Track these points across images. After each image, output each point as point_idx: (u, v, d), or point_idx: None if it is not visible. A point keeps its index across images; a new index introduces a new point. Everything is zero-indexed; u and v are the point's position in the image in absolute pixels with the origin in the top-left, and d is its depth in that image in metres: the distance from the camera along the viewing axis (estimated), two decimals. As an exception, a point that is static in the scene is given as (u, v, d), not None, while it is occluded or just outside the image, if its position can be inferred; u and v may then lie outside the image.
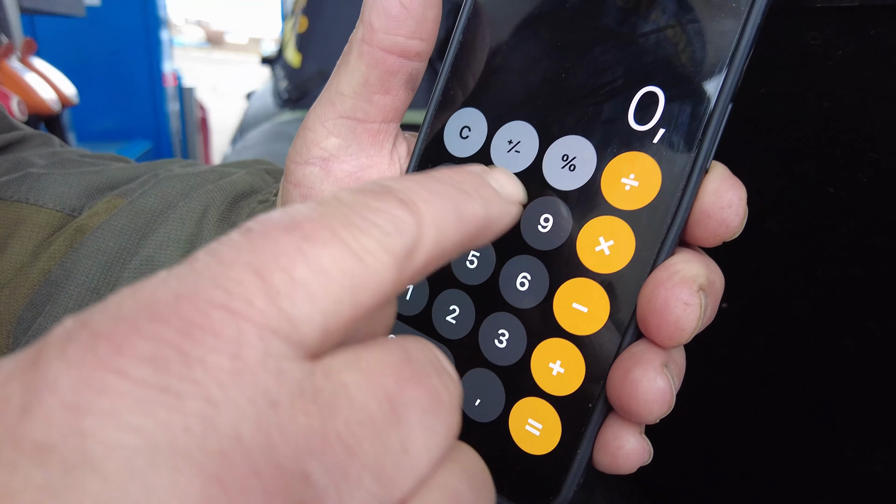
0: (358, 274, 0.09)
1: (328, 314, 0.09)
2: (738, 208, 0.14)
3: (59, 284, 0.19)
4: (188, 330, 0.08)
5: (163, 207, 0.20)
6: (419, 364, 0.10)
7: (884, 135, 0.19)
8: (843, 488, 0.27)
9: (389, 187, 0.11)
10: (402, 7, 0.16)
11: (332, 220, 0.10)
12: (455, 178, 0.12)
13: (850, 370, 0.25)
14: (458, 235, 0.11)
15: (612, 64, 0.15)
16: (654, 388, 0.13)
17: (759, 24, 0.14)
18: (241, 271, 0.09)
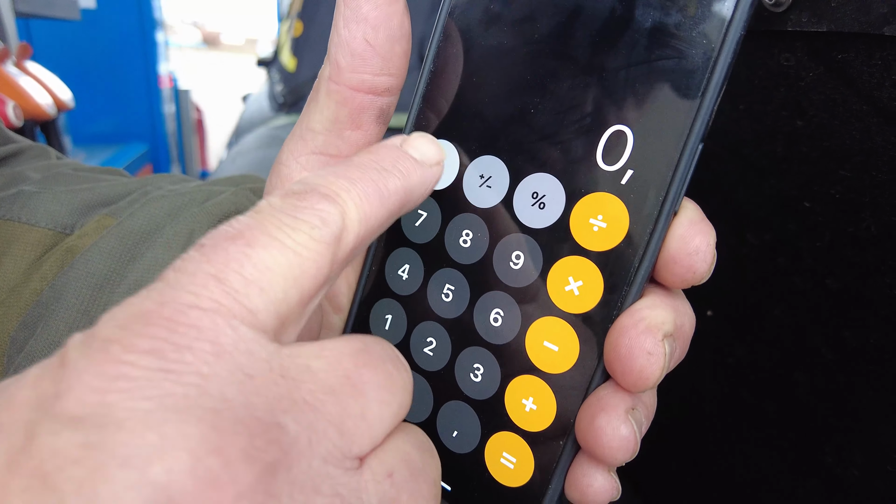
0: (296, 264, 0.11)
1: (279, 301, 0.11)
2: (706, 255, 0.14)
3: (50, 306, 0.19)
4: (175, 328, 0.10)
5: (150, 228, 0.21)
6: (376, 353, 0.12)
7: (852, 154, 0.20)
8: (822, 492, 0.28)
9: (313, 184, 0.13)
10: (368, 45, 0.15)
11: (268, 224, 0.12)
12: (373, 159, 0.14)
13: (828, 378, 0.26)
14: (382, 210, 0.13)
15: (581, 101, 0.15)
16: (618, 436, 0.14)
17: (731, 63, 0.13)
18: (204, 279, 0.11)
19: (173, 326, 0.10)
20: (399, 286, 0.18)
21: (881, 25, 0.16)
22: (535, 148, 0.16)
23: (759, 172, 0.25)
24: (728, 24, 0.13)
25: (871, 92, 0.18)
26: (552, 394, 0.15)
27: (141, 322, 0.10)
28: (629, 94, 0.14)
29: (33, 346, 0.19)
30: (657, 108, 0.14)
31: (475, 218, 0.17)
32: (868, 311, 0.23)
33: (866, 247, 0.21)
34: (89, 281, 0.20)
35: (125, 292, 0.20)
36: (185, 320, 0.10)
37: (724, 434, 0.34)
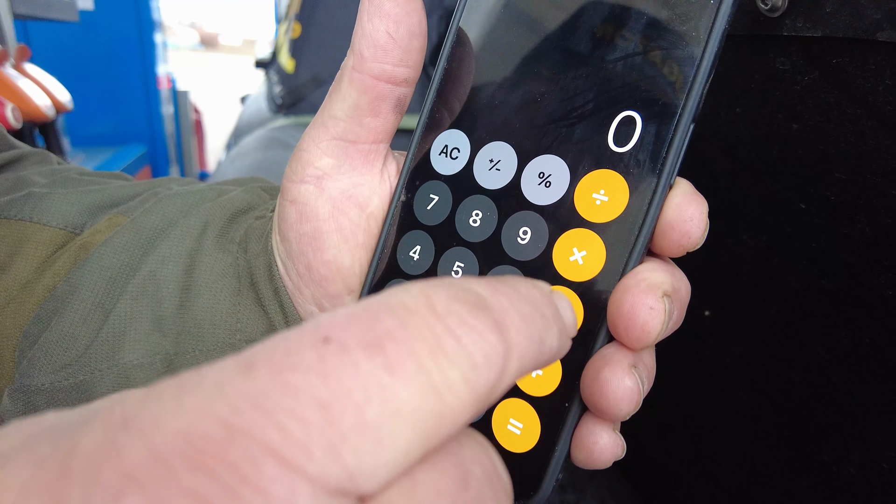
0: (435, 414, 0.08)
1: (394, 465, 0.08)
2: (699, 221, 0.15)
3: (65, 300, 0.20)
4: (234, 486, 0.07)
5: (164, 225, 0.21)
6: (476, 486, 0.09)
7: (846, 157, 0.20)
8: (819, 490, 0.28)
9: (486, 303, 0.10)
10: (390, 37, 0.17)
11: (420, 342, 0.09)
12: (538, 299, 0.11)
13: (823, 377, 0.27)
14: (534, 366, 0.10)
15: (582, 89, 0.16)
16: (622, 387, 0.14)
17: (717, 52, 0.15)
18: (308, 405, 0.08)
19: (233, 484, 0.07)
20: (410, 266, 0.19)
21: (874, 31, 0.16)
22: (541, 132, 0.17)
23: (755, 174, 0.25)
24: (714, 18, 0.14)
25: (865, 96, 0.18)
26: None
27: (188, 457, 0.07)
28: (627, 81, 0.16)
29: (47, 338, 0.19)
30: (653, 92, 0.15)
31: (485, 199, 0.18)
32: (862, 311, 0.23)
33: (861, 248, 0.21)
34: (104, 274, 0.20)
35: (139, 283, 0.20)
36: (255, 478, 0.07)
37: (722, 433, 0.34)
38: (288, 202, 0.19)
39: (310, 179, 0.19)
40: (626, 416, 0.15)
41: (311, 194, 0.19)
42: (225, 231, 0.21)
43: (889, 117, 0.17)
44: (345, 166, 0.19)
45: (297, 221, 0.19)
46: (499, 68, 0.18)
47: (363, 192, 0.19)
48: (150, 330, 0.19)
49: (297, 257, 0.19)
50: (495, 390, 0.09)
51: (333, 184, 0.19)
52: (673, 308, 0.15)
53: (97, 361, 0.19)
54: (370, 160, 0.19)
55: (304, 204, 0.19)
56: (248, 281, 0.20)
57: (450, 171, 0.18)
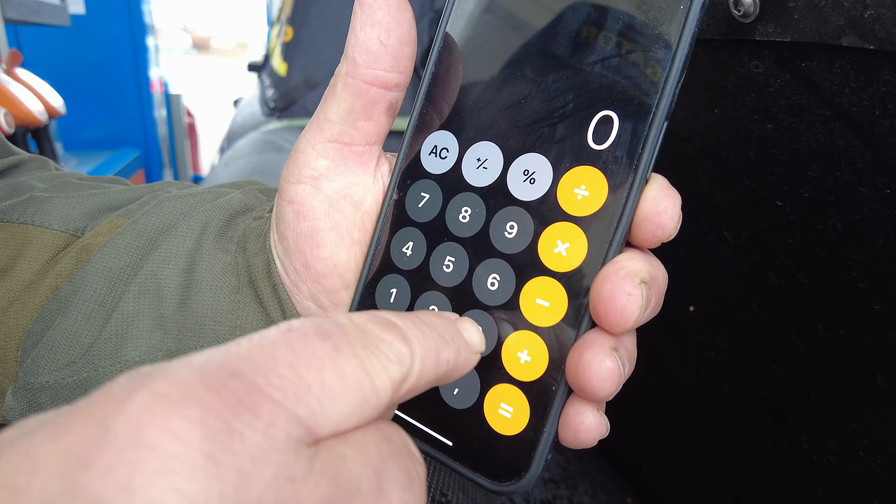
0: (367, 389, 0.12)
1: (342, 415, 0.11)
2: (673, 213, 0.16)
3: (68, 299, 0.20)
4: (234, 405, 0.10)
5: (164, 226, 0.22)
6: (396, 445, 0.12)
7: (818, 156, 0.21)
8: (801, 478, 0.29)
9: (394, 323, 0.13)
10: (381, 45, 0.18)
11: (354, 339, 0.12)
12: (438, 325, 0.15)
13: (802, 368, 0.27)
14: (433, 374, 0.14)
15: (563, 90, 0.17)
16: (604, 368, 0.15)
17: (688, 54, 0.16)
18: (282, 365, 0.11)
19: (233, 403, 0.10)
20: (403, 262, 0.20)
21: (838, 37, 0.17)
22: (525, 132, 0.18)
23: (733, 174, 0.26)
24: (684, 22, 0.15)
25: (833, 98, 0.19)
26: (544, 345, 0.17)
27: (202, 384, 0.10)
28: (604, 83, 0.16)
29: (51, 336, 0.20)
30: (629, 93, 0.16)
31: (473, 196, 0.19)
32: (837, 304, 0.24)
33: (833, 243, 0.22)
34: (106, 274, 0.21)
35: (141, 281, 0.20)
36: (248, 401, 0.10)
37: (709, 425, 0.35)
38: (285, 202, 0.20)
39: (306, 180, 0.20)
40: (609, 396, 0.16)
41: (308, 194, 0.20)
42: (224, 231, 0.22)
43: (855, 118, 0.18)
44: (340, 167, 0.20)
45: (294, 220, 0.20)
46: (484, 71, 0.18)
47: (357, 191, 0.20)
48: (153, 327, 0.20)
49: (295, 255, 0.20)
50: (405, 384, 0.13)
51: (329, 184, 0.20)
52: (651, 294, 0.16)
53: (100, 359, 0.20)
54: (364, 161, 0.20)
55: (301, 203, 0.20)
56: (246, 279, 0.21)
57: (439, 170, 0.19)
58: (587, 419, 0.16)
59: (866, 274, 0.22)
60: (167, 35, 4.85)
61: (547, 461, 0.17)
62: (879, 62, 0.17)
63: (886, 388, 0.23)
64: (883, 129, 0.17)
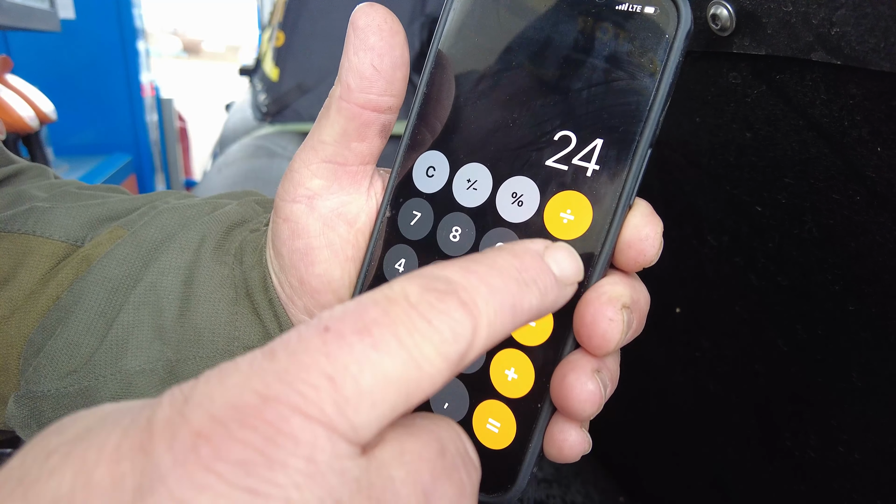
0: (415, 380, 0.11)
1: (384, 418, 0.11)
2: (654, 241, 0.16)
3: (69, 309, 0.21)
4: (272, 436, 0.10)
5: (163, 237, 0.22)
6: (451, 457, 0.12)
7: (793, 163, 0.22)
8: (784, 473, 0.30)
9: (454, 285, 0.12)
10: (374, 69, 0.18)
11: (400, 324, 0.11)
12: (516, 265, 0.13)
13: (783, 367, 0.28)
14: (510, 326, 0.13)
15: (550, 116, 0.18)
16: (586, 390, 0.16)
17: (672, 83, 0.16)
18: (317, 377, 0.10)
19: (272, 434, 0.10)
20: None
21: (808, 52, 0.18)
22: (514, 155, 0.18)
23: (715, 180, 0.27)
24: (668, 53, 0.16)
25: (805, 109, 0.20)
26: (531, 364, 0.17)
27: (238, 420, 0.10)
28: (591, 109, 0.17)
29: (52, 346, 0.20)
30: (614, 120, 0.17)
31: (463, 216, 0.19)
32: (814, 306, 0.25)
33: (809, 247, 0.23)
34: (106, 285, 0.21)
35: (140, 293, 0.21)
36: (287, 429, 0.10)
37: (696, 424, 0.36)
38: (281, 220, 0.20)
39: (301, 199, 0.20)
40: (590, 416, 0.16)
41: (303, 213, 0.20)
42: (221, 244, 0.22)
43: (826, 128, 0.19)
44: (334, 186, 0.20)
45: (289, 238, 0.20)
46: (475, 94, 0.19)
47: (351, 209, 0.20)
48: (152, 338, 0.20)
49: (290, 271, 0.20)
50: (468, 355, 0.12)
51: (323, 202, 0.20)
52: (632, 318, 0.16)
53: (101, 368, 0.20)
54: (357, 180, 0.20)
55: (295, 222, 0.20)
56: (244, 291, 0.21)
57: (431, 189, 0.20)
58: (570, 437, 0.17)
59: (840, 276, 0.22)
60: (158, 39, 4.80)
61: (533, 474, 0.17)
62: (846, 76, 0.18)
63: (862, 386, 0.24)
64: (851, 139, 0.18)
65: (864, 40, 0.17)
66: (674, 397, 0.37)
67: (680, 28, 0.16)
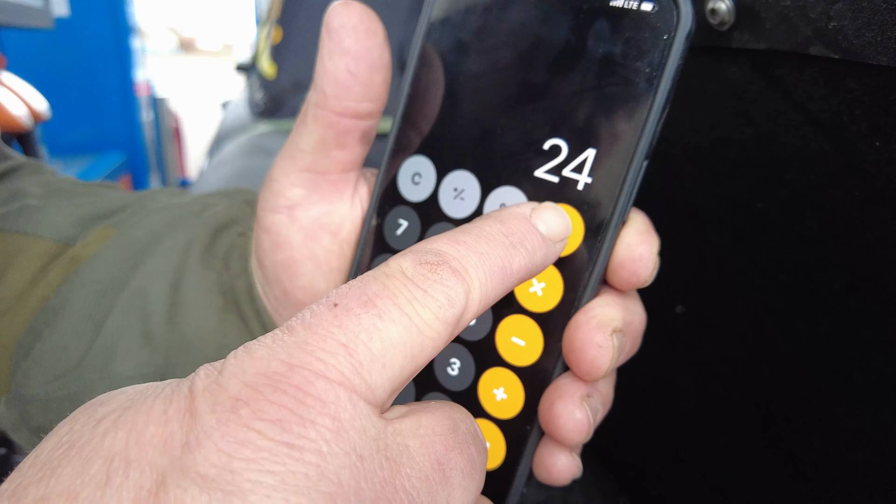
0: (418, 342, 0.12)
1: (395, 378, 0.12)
2: (648, 262, 0.16)
3: (57, 312, 0.20)
4: (302, 399, 0.11)
5: (151, 239, 0.22)
6: (462, 434, 0.13)
7: (794, 160, 0.21)
8: (786, 475, 0.30)
9: (444, 256, 0.13)
10: (350, 75, 0.17)
11: (399, 295, 0.12)
12: (502, 230, 0.14)
13: (786, 368, 0.28)
14: (501, 288, 0.14)
15: (540, 123, 0.17)
16: (573, 419, 0.15)
17: (670, 91, 0.15)
18: (334, 345, 0.11)
19: (301, 397, 0.11)
20: None
21: (807, 46, 0.18)
22: (503, 164, 0.17)
23: (716, 176, 0.27)
24: (667, 53, 0.15)
25: (805, 104, 0.19)
26: (520, 384, 0.17)
27: (270, 385, 0.11)
28: (583, 117, 0.16)
29: (41, 349, 0.20)
30: (607, 129, 0.16)
31: (450, 227, 0.18)
32: (816, 304, 0.24)
33: (811, 245, 0.23)
34: (94, 287, 0.20)
35: (128, 297, 0.20)
36: (313, 391, 0.11)
37: (698, 425, 0.36)
38: (262, 230, 0.20)
39: (281, 209, 0.19)
40: (578, 444, 0.16)
41: (283, 224, 0.19)
42: (209, 247, 0.22)
43: (825, 124, 0.19)
44: (315, 196, 0.19)
45: (271, 250, 0.20)
46: (461, 97, 0.18)
47: (334, 219, 0.20)
48: (141, 344, 0.20)
49: (274, 283, 0.20)
50: (464, 318, 0.13)
51: (304, 213, 0.19)
52: (624, 342, 0.16)
53: (89, 373, 0.20)
54: (340, 189, 0.19)
55: (276, 233, 0.19)
56: (232, 298, 0.21)
57: (417, 197, 0.19)
58: (559, 461, 0.16)
59: (842, 274, 0.22)
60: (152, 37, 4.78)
61: (522, 495, 0.17)
62: (844, 70, 0.17)
63: (863, 385, 0.24)
64: (850, 134, 0.18)
65: (861, 34, 0.17)
66: (675, 398, 0.37)
67: (679, 28, 0.14)
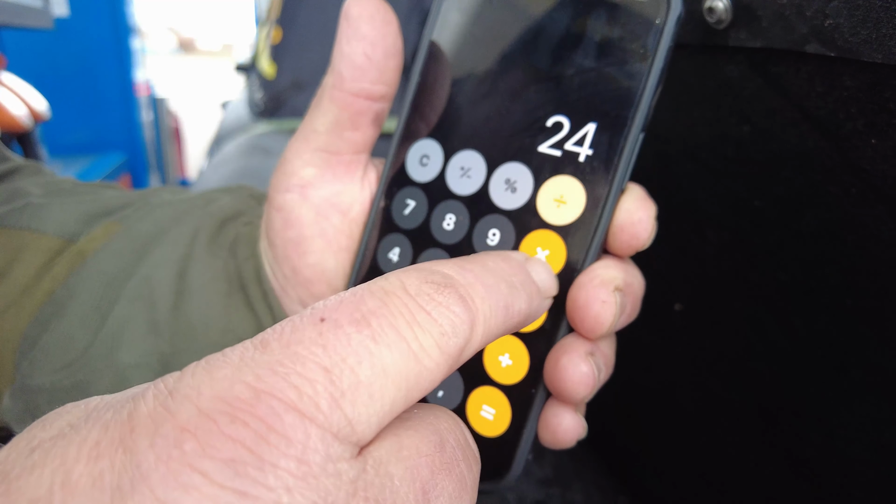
0: (414, 374, 0.10)
1: (383, 414, 0.10)
2: (647, 224, 0.17)
3: (63, 303, 0.20)
4: (264, 433, 0.09)
5: (156, 231, 0.22)
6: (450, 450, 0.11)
7: (791, 157, 0.22)
8: (785, 473, 0.30)
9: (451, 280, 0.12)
10: (367, 58, 0.18)
11: (399, 315, 0.11)
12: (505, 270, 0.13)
13: (784, 365, 0.28)
14: (502, 329, 0.13)
15: (543, 102, 0.18)
16: (579, 372, 0.16)
17: (663, 68, 0.16)
18: (313, 369, 0.10)
19: (263, 432, 0.09)
20: (390, 267, 0.20)
21: (803, 44, 0.18)
22: (507, 142, 0.18)
23: (714, 174, 0.27)
24: (659, 37, 0.16)
25: (801, 102, 0.19)
26: (525, 349, 0.17)
27: (227, 414, 0.09)
28: (584, 95, 0.17)
29: (47, 339, 0.20)
30: (606, 106, 0.17)
31: (457, 204, 0.19)
32: (813, 301, 0.25)
33: (808, 242, 0.23)
34: (101, 279, 0.21)
35: (135, 286, 0.21)
36: (279, 427, 0.09)
37: (697, 423, 0.36)
38: (274, 210, 0.20)
39: (294, 188, 0.20)
40: (584, 399, 0.16)
41: (296, 202, 0.20)
42: (215, 237, 0.22)
43: (822, 121, 0.19)
44: (327, 175, 0.20)
45: (282, 228, 0.20)
46: (468, 82, 0.19)
47: (345, 199, 0.20)
48: (146, 332, 0.20)
49: (284, 261, 0.20)
50: (466, 351, 0.12)
51: (316, 192, 0.20)
52: (626, 301, 0.16)
53: (95, 362, 0.20)
54: (351, 170, 0.20)
55: (288, 211, 0.20)
56: (237, 284, 0.21)
57: (425, 178, 0.20)
58: (565, 421, 0.17)
59: (838, 271, 0.22)
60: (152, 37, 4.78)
61: (527, 461, 0.17)
62: (841, 68, 0.17)
63: (860, 381, 0.24)
64: (847, 132, 0.18)
65: (856, 32, 0.17)
66: (673, 396, 0.37)
67: (670, 15, 0.16)
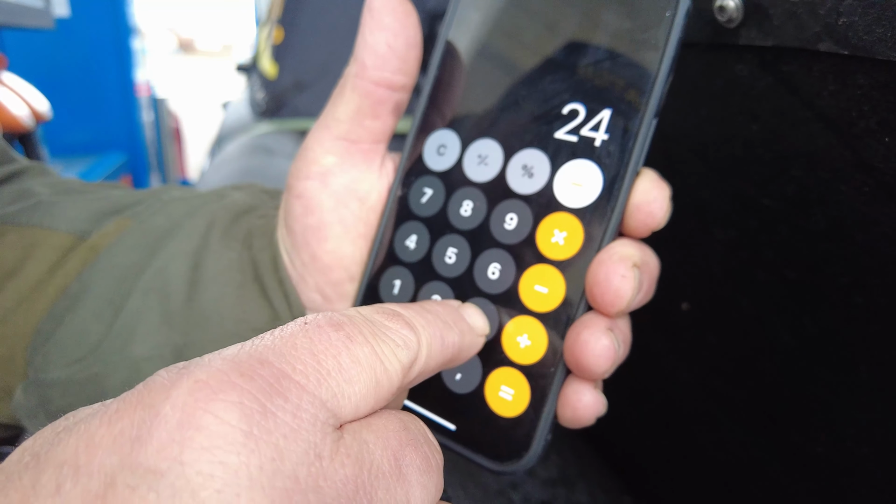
0: (380, 372, 0.13)
1: (359, 397, 0.12)
2: (662, 203, 0.17)
3: (77, 298, 0.21)
4: (265, 389, 0.11)
5: (170, 225, 0.22)
6: (414, 433, 0.13)
7: (800, 155, 0.22)
8: (791, 471, 0.30)
9: (398, 312, 0.14)
10: (389, 48, 0.19)
11: (364, 328, 0.13)
12: (440, 311, 0.16)
13: (790, 364, 0.28)
14: (440, 357, 0.15)
15: (559, 91, 0.18)
16: (600, 345, 0.16)
17: (674, 56, 0.17)
18: (304, 354, 0.12)
19: (265, 388, 0.11)
20: (407, 255, 0.20)
21: (815, 42, 0.18)
22: (524, 129, 0.19)
23: (721, 173, 0.27)
24: (670, 28, 0.17)
25: (812, 100, 0.19)
26: (543, 329, 0.18)
27: (236, 371, 0.11)
28: (598, 83, 0.18)
29: (62, 333, 0.20)
30: (620, 93, 0.17)
31: (474, 190, 0.19)
32: (822, 300, 0.25)
33: (817, 240, 0.23)
34: (114, 273, 0.21)
35: (149, 278, 0.21)
36: (278, 386, 0.11)
37: (703, 422, 0.36)
38: (294, 197, 0.21)
39: (314, 176, 0.20)
40: (605, 373, 0.17)
41: (316, 189, 0.20)
42: (229, 230, 0.23)
43: (834, 119, 0.19)
44: (346, 164, 0.20)
45: (302, 214, 0.20)
46: (485, 74, 0.19)
47: (363, 186, 0.21)
48: (160, 323, 0.20)
49: (302, 247, 0.21)
50: (414, 367, 0.14)
51: (336, 179, 0.20)
52: (643, 278, 0.17)
53: (109, 354, 0.20)
54: (370, 158, 0.21)
55: (309, 198, 0.20)
56: (252, 274, 0.22)
57: (442, 167, 0.20)
58: (585, 397, 0.17)
59: (847, 269, 0.22)
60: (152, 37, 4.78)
61: (546, 441, 0.17)
62: (854, 67, 0.17)
63: (868, 380, 0.24)
64: (859, 130, 0.18)
65: (871, 30, 0.17)
66: (679, 395, 0.37)
67: (680, 6, 0.17)
